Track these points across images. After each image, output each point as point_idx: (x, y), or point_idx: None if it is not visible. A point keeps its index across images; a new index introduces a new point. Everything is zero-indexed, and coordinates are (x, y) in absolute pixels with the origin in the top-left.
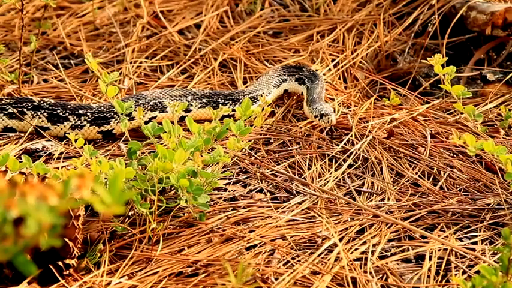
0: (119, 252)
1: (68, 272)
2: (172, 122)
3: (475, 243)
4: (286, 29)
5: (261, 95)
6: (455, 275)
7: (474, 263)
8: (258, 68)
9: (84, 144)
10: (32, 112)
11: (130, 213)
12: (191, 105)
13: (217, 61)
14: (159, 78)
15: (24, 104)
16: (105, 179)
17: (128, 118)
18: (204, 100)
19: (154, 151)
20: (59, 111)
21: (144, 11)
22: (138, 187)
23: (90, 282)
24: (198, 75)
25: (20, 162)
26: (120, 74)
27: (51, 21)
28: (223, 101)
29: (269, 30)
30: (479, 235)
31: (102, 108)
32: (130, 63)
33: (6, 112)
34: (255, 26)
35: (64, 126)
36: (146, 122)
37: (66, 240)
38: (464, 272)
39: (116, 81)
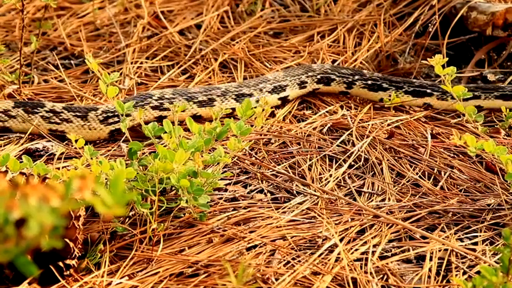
0: (119, 252)
1: (68, 272)
2: (173, 122)
3: (476, 243)
4: (286, 29)
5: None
6: (456, 275)
7: (475, 263)
8: (258, 68)
9: (85, 144)
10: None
11: (130, 214)
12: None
13: (217, 61)
14: (159, 79)
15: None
16: (106, 179)
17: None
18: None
19: (155, 151)
20: None
21: (144, 11)
22: (139, 187)
23: (90, 282)
24: (199, 76)
25: (21, 162)
26: (121, 74)
27: (51, 21)
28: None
29: (269, 30)
30: (480, 235)
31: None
32: (131, 63)
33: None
34: (255, 27)
35: None
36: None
37: (67, 240)
38: (464, 273)
39: (116, 81)
